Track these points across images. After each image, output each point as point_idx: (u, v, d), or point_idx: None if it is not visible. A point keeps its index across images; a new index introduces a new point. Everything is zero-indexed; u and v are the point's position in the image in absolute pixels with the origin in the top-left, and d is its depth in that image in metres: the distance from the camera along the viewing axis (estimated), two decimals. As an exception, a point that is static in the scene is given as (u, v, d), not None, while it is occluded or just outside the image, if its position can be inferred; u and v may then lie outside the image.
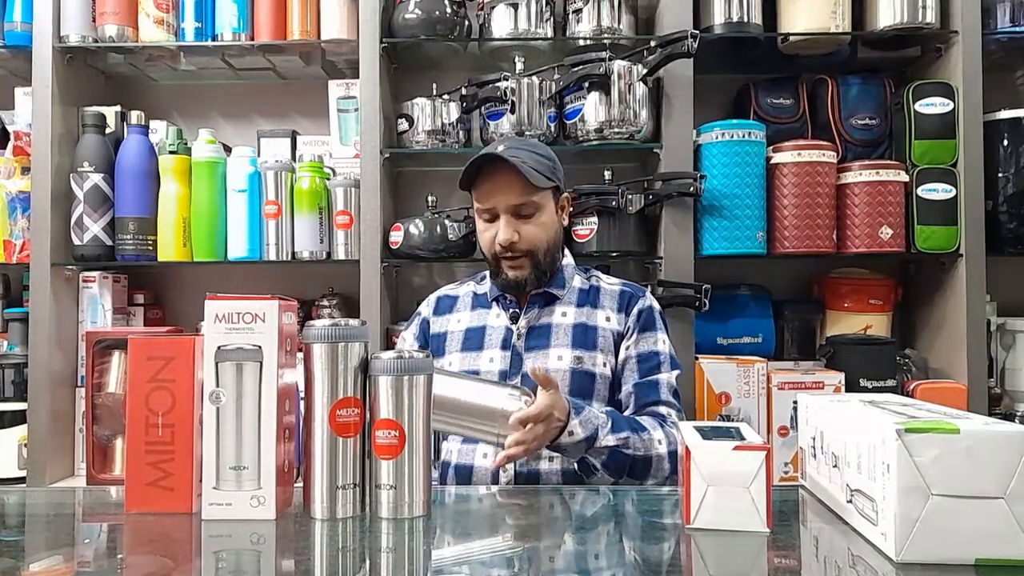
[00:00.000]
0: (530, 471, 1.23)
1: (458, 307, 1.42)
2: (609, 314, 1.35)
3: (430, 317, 1.43)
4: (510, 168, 1.26)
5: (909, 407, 0.83)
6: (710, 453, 0.80)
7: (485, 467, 1.24)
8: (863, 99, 1.89)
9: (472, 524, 0.92)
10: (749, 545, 0.77)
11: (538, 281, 1.32)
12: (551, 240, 1.33)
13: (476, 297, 1.42)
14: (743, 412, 1.71)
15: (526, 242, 1.29)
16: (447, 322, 1.40)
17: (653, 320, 1.35)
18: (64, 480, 1.79)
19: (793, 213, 1.75)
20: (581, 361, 1.29)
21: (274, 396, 0.84)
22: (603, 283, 1.40)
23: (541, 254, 1.31)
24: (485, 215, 1.32)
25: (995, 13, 1.79)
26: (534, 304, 1.35)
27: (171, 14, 1.84)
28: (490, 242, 1.32)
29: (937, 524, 0.69)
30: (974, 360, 1.73)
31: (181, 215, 1.79)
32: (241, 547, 0.80)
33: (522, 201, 1.28)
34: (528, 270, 1.31)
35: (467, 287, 1.45)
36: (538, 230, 1.31)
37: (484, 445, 1.25)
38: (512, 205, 1.29)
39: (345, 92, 1.90)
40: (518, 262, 1.30)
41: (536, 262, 1.31)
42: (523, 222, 1.30)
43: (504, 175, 1.28)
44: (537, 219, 1.31)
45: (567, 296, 1.36)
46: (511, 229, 1.28)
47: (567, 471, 1.23)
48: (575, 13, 1.83)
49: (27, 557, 0.78)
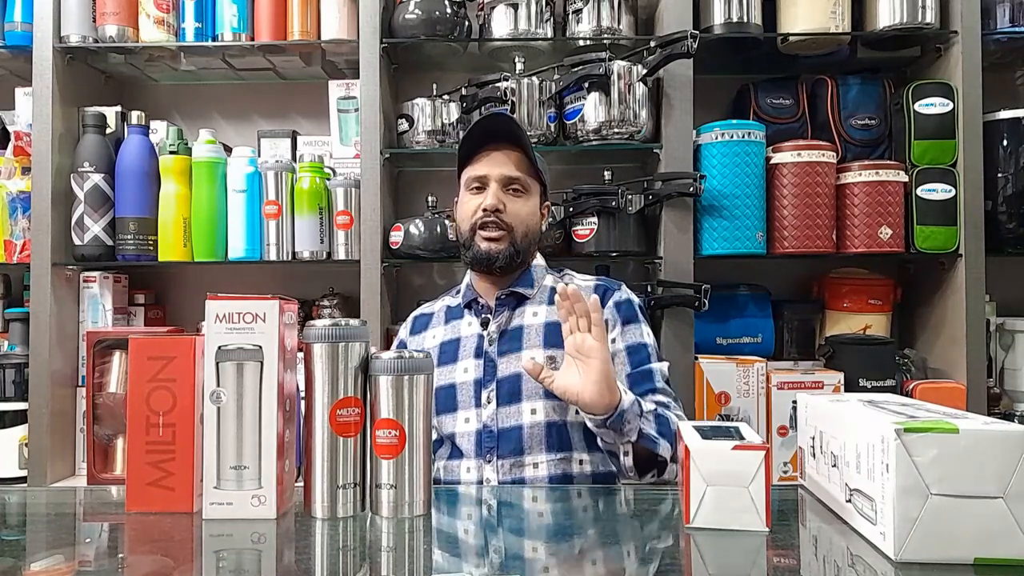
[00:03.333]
0: (515, 480, 1.20)
1: (432, 323, 1.39)
2: None
3: (407, 338, 1.41)
4: (511, 143, 1.28)
5: (908, 407, 0.83)
6: (709, 453, 0.80)
7: (470, 481, 1.22)
8: (863, 99, 1.90)
9: (472, 523, 0.92)
10: (748, 544, 0.77)
11: (509, 263, 1.27)
12: (531, 228, 1.31)
13: (449, 310, 1.39)
14: (742, 412, 1.72)
15: (510, 216, 1.27)
16: (423, 340, 1.38)
17: (634, 312, 1.32)
18: (65, 480, 1.80)
19: (793, 213, 1.75)
20: (555, 361, 1.24)
21: (275, 396, 0.85)
22: (576, 281, 1.37)
23: (519, 235, 1.28)
24: (475, 184, 1.30)
25: (995, 13, 1.79)
26: (503, 307, 1.31)
27: (171, 14, 1.84)
28: (472, 211, 1.28)
29: (936, 524, 0.69)
30: (973, 360, 1.73)
31: (181, 215, 1.79)
32: (242, 546, 0.80)
33: (516, 175, 1.28)
34: (504, 245, 1.26)
35: (441, 302, 1.43)
36: (524, 210, 1.29)
37: (467, 459, 1.23)
38: (506, 176, 1.27)
39: (345, 92, 1.90)
40: (497, 233, 1.27)
41: (513, 240, 1.27)
42: (511, 197, 1.28)
43: (505, 148, 1.28)
44: (525, 200, 1.30)
45: (538, 296, 1.33)
46: (499, 198, 1.27)
47: (552, 477, 1.20)
48: (575, 13, 1.83)
49: (28, 557, 0.79)
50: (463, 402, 1.26)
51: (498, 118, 1.31)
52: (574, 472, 1.22)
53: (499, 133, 1.29)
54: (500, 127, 1.29)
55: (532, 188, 1.31)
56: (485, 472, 1.22)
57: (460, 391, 1.27)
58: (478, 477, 1.22)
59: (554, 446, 1.21)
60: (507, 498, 1.04)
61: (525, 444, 1.21)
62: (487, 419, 1.23)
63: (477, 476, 1.22)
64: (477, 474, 1.22)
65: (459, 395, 1.27)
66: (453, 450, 1.27)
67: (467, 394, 1.26)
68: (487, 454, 1.22)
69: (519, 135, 1.29)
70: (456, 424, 1.26)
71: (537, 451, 1.21)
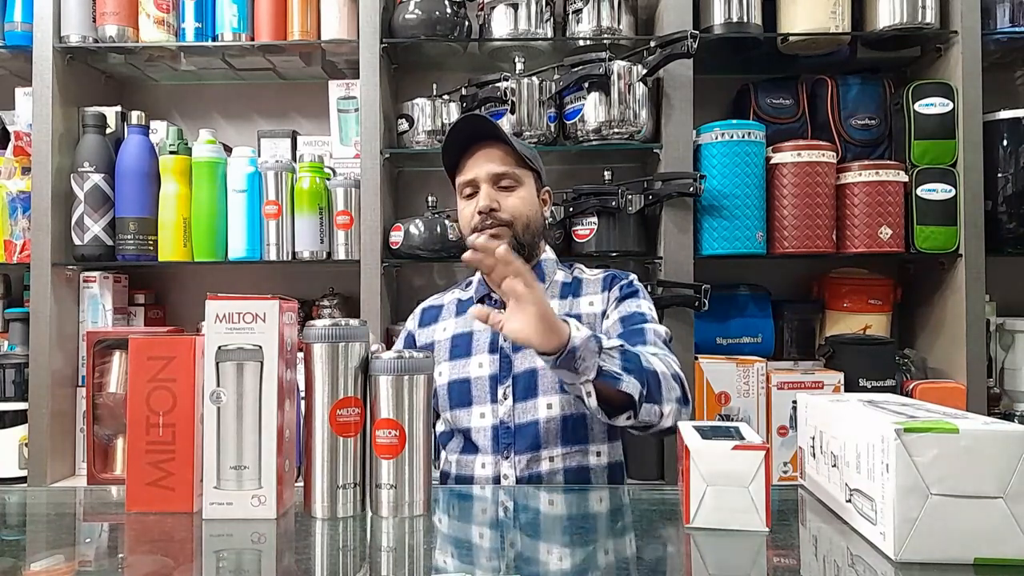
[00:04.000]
0: (532, 474, 1.21)
1: (443, 316, 1.38)
2: (593, 299, 1.31)
3: (415, 330, 1.40)
4: (493, 140, 1.27)
5: (908, 407, 0.83)
6: (709, 453, 0.80)
7: (486, 476, 1.23)
8: (863, 99, 1.90)
9: (472, 523, 0.92)
10: (748, 544, 0.77)
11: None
12: (532, 217, 1.29)
13: (461, 303, 1.38)
14: (742, 412, 1.72)
15: (507, 212, 1.25)
16: (433, 332, 1.37)
17: (634, 291, 1.30)
18: (65, 480, 1.80)
19: (793, 213, 1.75)
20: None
21: (275, 396, 0.85)
22: (586, 275, 1.36)
23: (521, 227, 1.26)
24: (467, 190, 1.29)
25: (995, 13, 1.79)
26: None
27: (171, 14, 1.84)
28: (470, 216, 1.27)
29: (936, 524, 0.69)
30: (973, 360, 1.73)
31: (181, 215, 1.79)
32: (242, 546, 0.80)
33: (503, 170, 1.26)
34: (507, 241, 1.22)
35: (451, 295, 1.42)
36: (519, 202, 1.27)
37: (483, 455, 1.24)
38: (494, 174, 1.26)
39: (345, 92, 1.90)
40: (497, 231, 1.24)
41: (515, 234, 1.26)
42: (504, 193, 1.27)
43: (486, 147, 1.27)
44: (518, 192, 1.28)
45: (549, 290, 1.32)
46: (491, 197, 1.25)
47: (568, 470, 1.21)
48: (575, 13, 1.83)
49: (28, 557, 0.79)
50: (478, 397, 1.26)
51: (470, 120, 1.29)
52: (591, 464, 1.22)
53: (478, 132, 1.28)
54: (477, 127, 1.28)
55: (524, 179, 1.29)
56: (502, 468, 1.22)
57: (475, 386, 1.27)
58: (495, 472, 1.23)
59: (570, 439, 1.22)
60: (508, 498, 1.04)
61: (542, 439, 1.22)
62: (503, 415, 1.24)
63: (494, 471, 1.23)
64: (494, 470, 1.23)
65: (474, 390, 1.27)
66: (467, 444, 1.27)
67: (482, 389, 1.26)
68: (504, 450, 1.23)
69: (496, 130, 1.27)
70: (471, 419, 1.26)
71: (553, 445, 1.22)
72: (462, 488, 1.16)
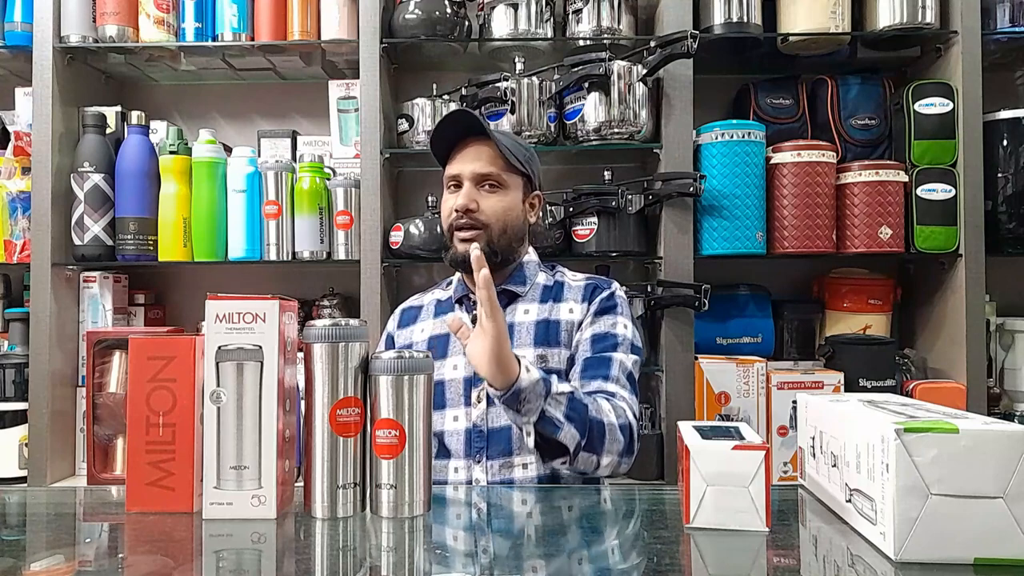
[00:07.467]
0: (504, 480, 1.20)
1: (422, 317, 1.37)
2: (572, 306, 1.29)
3: (395, 331, 1.39)
4: (486, 139, 1.25)
5: (908, 407, 0.83)
6: (709, 453, 0.80)
7: (458, 481, 1.22)
8: (863, 99, 1.90)
9: (471, 523, 0.92)
10: (748, 544, 0.77)
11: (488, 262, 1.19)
12: (511, 223, 1.27)
13: (439, 304, 1.37)
14: (742, 412, 1.72)
15: (485, 213, 1.24)
16: (411, 333, 1.36)
17: (613, 305, 1.28)
18: (65, 480, 1.80)
19: (793, 213, 1.75)
20: (544, 359, 1.23)
21: (275, 396, 0.85)
22: (568, 279, 1.35)
23: (496, 232, 1.25)
24: (452, 183, 1.29)
25: (995, 13, 1.79)
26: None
27: (171, 14, 1.84)
28: (448, 211, 1.27)
29: (936, 524, 0.69)
30: (973, 360, 1.73)
31: (181, 215, 1.79)
32: (242, 546, 0.80)
33: (488, 171, 1.25)
34: (481, 244, 1.21)
35: (431, 295, 1.41)
36: (499, 206, 1.25)
37: (455, 459, 1.23)
38: (478, 174, 1.25)
39: (345, 92, 1.90)
40: (472, 234, 1.24)
41: (490, 238, 1.24)
42: (486, 195, 1.26)
43: (478, 144, 1.26)
44: (501, 196, 1.26)
45: (530, 293, 1.31)
46: (471, 197, 1.24)
47: (542, 477, 1.20)
48: (575, 13, 1.83)
49: (28, 557, 0.79)
50: (452, 400, 1.25)
51: (466, 114, 1.27)
52: (563, 473, 1.20)
53: (473, 128, 1.27)
54: (472, 123, 1.26)
55: (509, 183, 1.27)
56: (475, 473, 1.21)
57: (449, 388, 1.25)
58: (467, 477, 1.22)
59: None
60: (503, 499, 1.04)
61: (515, 445, 1.20)
62: (477, 419, 1.23)
63: (466, 476, 1.22)
64: (466, 474, 1.22)
65: (448, 392, 1.25)
66: (440, 448, 1.26)
67: (456, 391, 1.25)
68: (476, 454, 1.22)
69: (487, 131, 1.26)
70: (444, 422, 1.24)
71: (527, 451, 1.19)
72: (460, 489, 1.15)
